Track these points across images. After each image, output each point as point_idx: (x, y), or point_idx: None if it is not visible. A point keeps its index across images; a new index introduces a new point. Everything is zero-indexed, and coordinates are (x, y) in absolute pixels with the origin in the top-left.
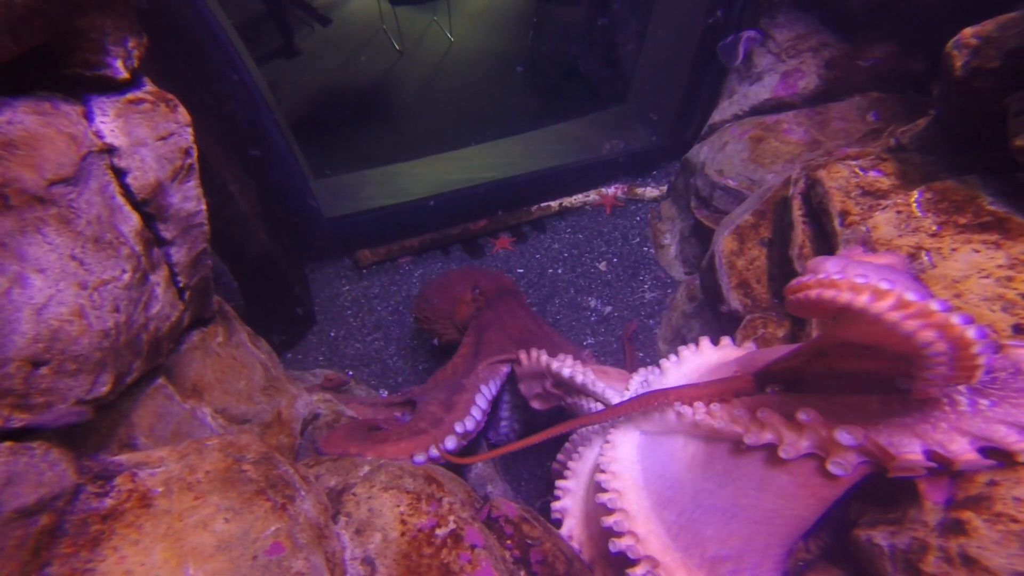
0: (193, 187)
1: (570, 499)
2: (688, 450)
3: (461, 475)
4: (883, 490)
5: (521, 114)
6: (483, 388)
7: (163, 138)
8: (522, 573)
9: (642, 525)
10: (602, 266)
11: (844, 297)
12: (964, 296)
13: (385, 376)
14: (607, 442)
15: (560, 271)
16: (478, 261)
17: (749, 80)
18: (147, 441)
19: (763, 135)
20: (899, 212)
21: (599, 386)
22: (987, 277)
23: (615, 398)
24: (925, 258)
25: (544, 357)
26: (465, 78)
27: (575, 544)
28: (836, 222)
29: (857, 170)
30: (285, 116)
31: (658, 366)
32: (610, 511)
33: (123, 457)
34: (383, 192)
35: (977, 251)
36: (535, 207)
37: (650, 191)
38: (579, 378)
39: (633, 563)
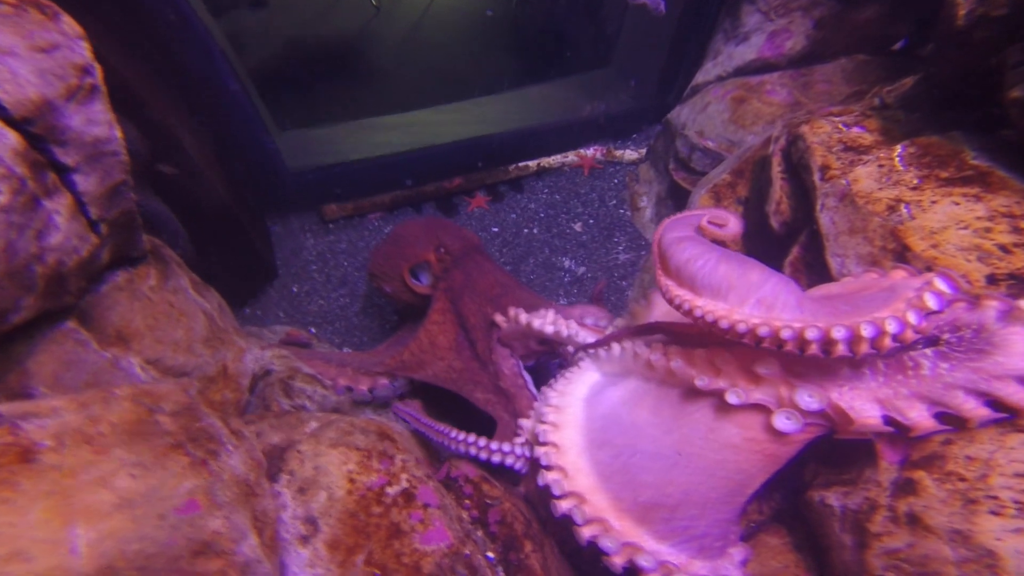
0: (100, 111)
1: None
2: (639, 393)
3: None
4: (840, 451)
5: (503, 73)
6: (530, 388)
7: (43, 50)
8: (480, 533)
9: (571, 461)
10: (578, 227)
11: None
12: (941, 246)
13: (349, 334)
14: (563, 377)
15: (536, 231)
16: (452, 220)
17: (735, 40)
18: (49, 392)
19: (745, 96)
20: (881, 166)
21: (582, 335)
22: (965, 228)
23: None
24: (904, 210)
25: (524, 316)
26: (446, 36)
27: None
28: (816, 176)
29: (840, 126)
30: (248, 68)
31: (629, 312)
32: (542, 444)
33: (2, 407)
34: (354, 147)
35: (957, 203)
36: (513, 166)
37: (629, 154)
38: (564, 331)
39: (558, 498)
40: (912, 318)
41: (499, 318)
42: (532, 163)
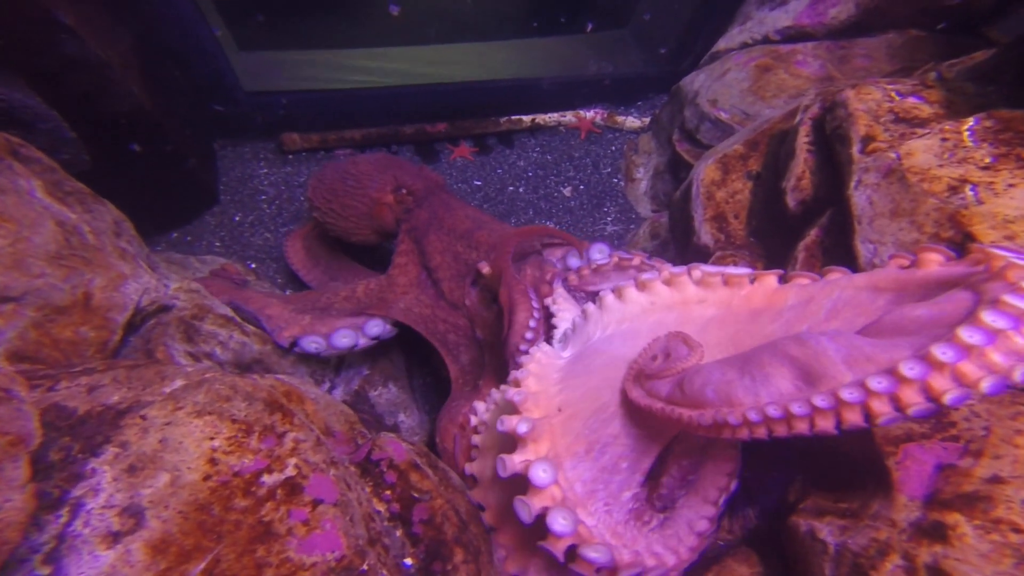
0: None
1: None
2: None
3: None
4: (838, 471)
5: (508, 19)
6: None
7: None
8: (399, 532)
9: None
10: (567, 192)
11: None
12: (1019, 238)
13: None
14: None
15: (522, 190)
16: (432, 166)
17: (771, 4)
18: None
19: (772, 64)
20: (944, 140)
21: (565, 315)
22: None
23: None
24: (970, 192)
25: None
26: None
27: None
28: (855, 148)
29: (893, 94)
30: None
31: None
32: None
33: None
34: (327, 75)
35: None
36: (505, 119)
37: (631, 121)
38: (551, 307)
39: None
40: None
41: (485, 268)
42: (526, 118)
